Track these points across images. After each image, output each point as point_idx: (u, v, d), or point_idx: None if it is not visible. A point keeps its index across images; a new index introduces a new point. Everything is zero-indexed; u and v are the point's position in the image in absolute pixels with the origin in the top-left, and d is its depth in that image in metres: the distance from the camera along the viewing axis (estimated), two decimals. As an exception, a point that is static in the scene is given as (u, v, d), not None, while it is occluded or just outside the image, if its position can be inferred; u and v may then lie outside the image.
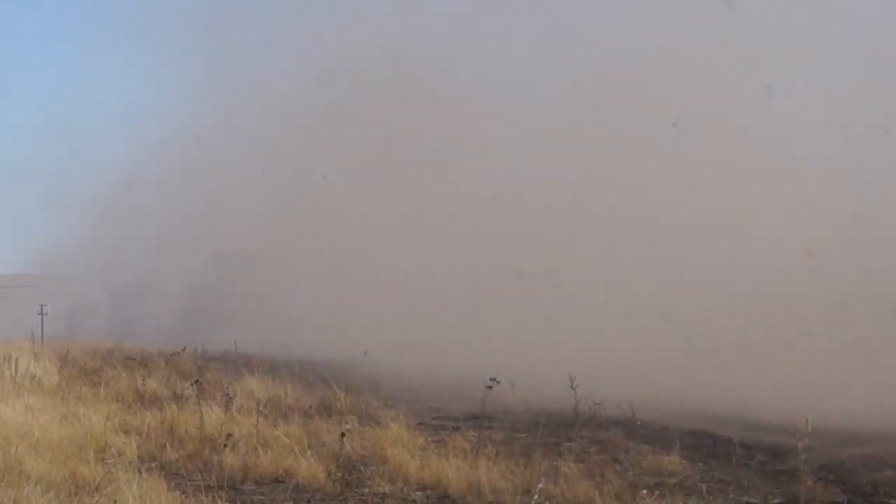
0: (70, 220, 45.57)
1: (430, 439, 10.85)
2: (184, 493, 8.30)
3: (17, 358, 17.27)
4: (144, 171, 38.17)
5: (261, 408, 12.39)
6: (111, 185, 39.49)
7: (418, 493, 8.69)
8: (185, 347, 17.22)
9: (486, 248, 25.22)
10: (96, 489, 8.18)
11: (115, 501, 7.79)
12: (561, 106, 25.39)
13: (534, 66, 27.42)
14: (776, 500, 8.05)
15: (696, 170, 24.96)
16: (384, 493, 8.62)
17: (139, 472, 8.94)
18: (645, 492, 7.91)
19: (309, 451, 9.76)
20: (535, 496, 8.20)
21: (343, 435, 9.52)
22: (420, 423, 12.04)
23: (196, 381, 12.80)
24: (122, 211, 39.05)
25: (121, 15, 59.96)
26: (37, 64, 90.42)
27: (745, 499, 8.14)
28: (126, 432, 11.32)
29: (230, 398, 12.36)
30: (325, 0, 34.56)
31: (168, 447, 10.55)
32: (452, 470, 8.90)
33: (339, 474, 8.98)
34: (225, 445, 9.86)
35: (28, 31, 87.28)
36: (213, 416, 11.32)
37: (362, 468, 9.45)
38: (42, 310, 28.79)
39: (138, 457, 10.11)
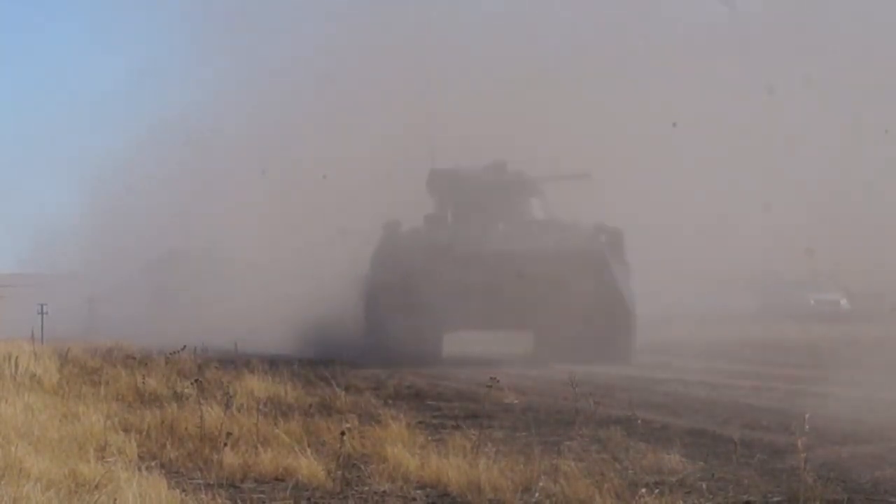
0: (70, 220, 45.51)
1: (430, 438, 10.85)
2: (184, 491, 8.30)
3: (17, 357, 17.27)
4: (143, 169, 38.07)
5: (261, 406, 12.39)
6: (109, 183, 39.44)
7: (418, 491, 8.69)
8: (184, 346, 17.19)
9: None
10: (96, 487, 8.18)
11: (115, 499, 7.78)
12: (559, 105, 25.41)
13: (532, 66, 27.43)
14: (776, 499, 8.05)
15: (696, 171, 25.00)
16: (384, 492, 8.63)
17: (139, 470, 8.94)
18: (644, 490, 7.90)
19: (309, 450, 9.76)
20: (535, 494, 8.21)
21: (343, 433, 9.52)
22: (420, 422, 12.04)
23: (196, 380, 12.79)
24: (122, 211, 38.96)
25: (118, 11, 59.94)
26: (30, 61, 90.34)
27: (745, 497, 8.13)
28: (126, 431, 11.32)
29: (230, 397, 12.36)
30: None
31: (168, 446, 10.55)
32: (452, 468, 8.90)
33: (339, 472, 8.99)
34: (225, 444, 9.86)
35: (21, 24, 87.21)
36: (213, 414, 11.32)
37: (362, 466, 9.46)
38: (42, 308, 28.70)
39: (138, 455, 10.12)
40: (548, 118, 25.34)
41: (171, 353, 17.76)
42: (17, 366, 16.52)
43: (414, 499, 8.46)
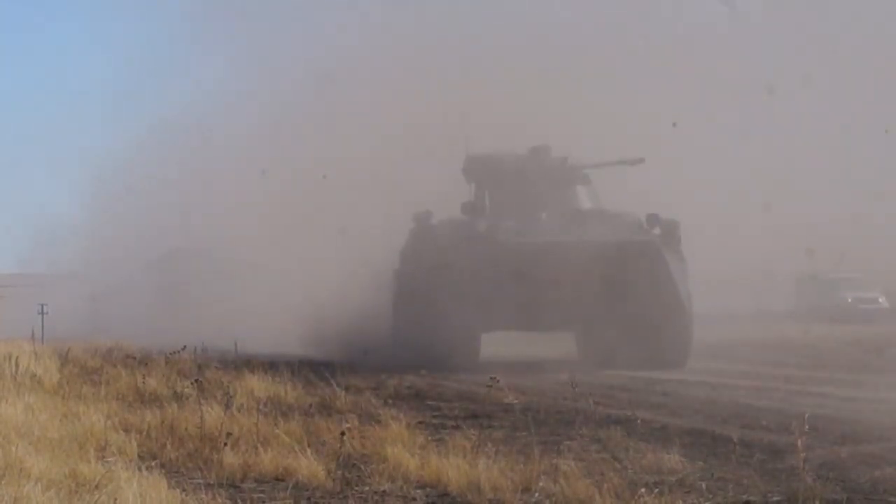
0: (70, 220, 45.53)
1: (430, 438, 10.86)
2: (184, 491, 8.31)
3: (17, 357, 17.29)
4: (143, 170, 38.04)
5: (261, 406, 12.40)
6: (109, 183, 39.44)
7: (418, 490, 8.70)
8: (185, 346, 17.19)
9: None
10: (96, 487, 8.19)
11: (116, 499, 7.79)
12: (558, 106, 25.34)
13: (531, 66, 27.29)
14: (776, 498, 8.05)
15: (695, 171, 25.01)
16: (384, 491, 8.63)
17: (139, 470, 8.95)
18: (644, 490, 7.91)
19: (309, 450, 9.77)
20: (535, 494, 8.22)
21: (343, 433, 9.53)
22: (420, 422, 12.05)
23: (196, 380, 12.80)
24: (122, 210, 38.95)
25: (119, 11, 59.97)
26: (30, 62, 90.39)
27: (744, 497, 8.14)
28: (126, 431, 11.34)
29: (230, 397, 12.38)
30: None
31: (168, 445, 10.56)
32: (452, 468, 8.91)
33: (339, 472, 9.00)
34: (225, 444, 9.88)
35: (21, 24, 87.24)
36: (213, 414, 11.33)
37: (362, 466, 9.47)
38: (42, 308, 28.72)
39: (138, 455, 10.13)
40: (583, 101, 24.04)
41: (171, 353, 17.77)
42: (17, 366, 16.54)
43: (414, 499, 8.47)
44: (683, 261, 19.11)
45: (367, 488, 8.74)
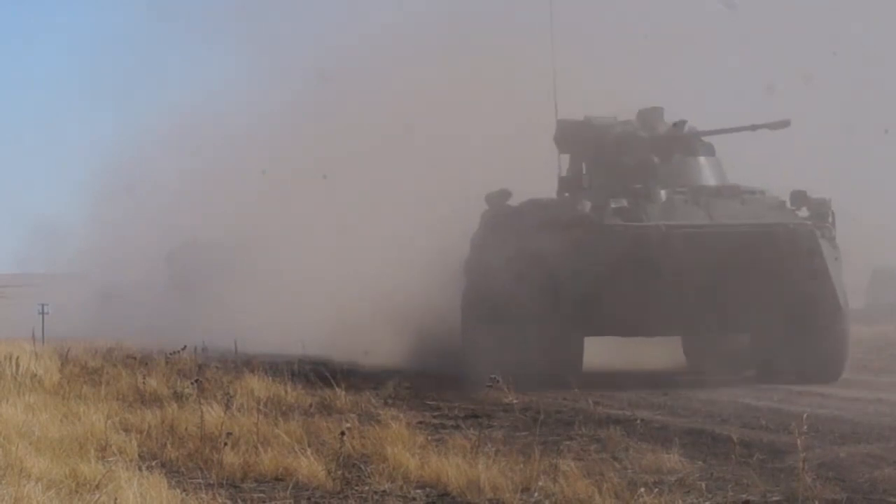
0: (70, 220, 45.51)
1: (429, 438, 10.87)
2: (184, 490, 8.33)
3: (17, 357, 17.30)
4: (143, 170, 37.97)
5: (261, 406, 12.41)
6: (110, 183, 39.40)
7: (418, 490, 8.72)
8: (185, 346, 17.19)
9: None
10: (97, 487, 8.20)
11: (116, 499, 7.81)
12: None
13: (531, 69, 27.11)
14: (775, 498, 8.07)
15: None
16: (384, 491, 8.65)
17: (139, 470, 8.97)
18: (644, 489, 7.93)
19: (309, 450, 9.78)
20: (535, 494, 8.23)
21: (343, 433, 9.55)
22: (420, 422, 12.07)
23: (196, 380, 12.82)
24: (122, 212, 38.92)
25: (120, 8, 59.93)
26: (30, 61, 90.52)
27: (744, 496, 8.16)
28: (126, 431, 11.36)
29: (230, 397, 12.39)
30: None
31: (168, 445, 10.58)
32: (452, 468, 8.93)
33: (339, 472, 9.01)
34: (225, 444, 9.90)
35: (21, 22, 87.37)
36: (213, 414, 11.35)
37: (362, 466, 9.48)
38: (43, 308, 28.70)
39: (139, 455, 10.15)
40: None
41: (171, 354, 17.77)
42: (17, 366, 16.54)
43: (414, 499, 8.48)
44: (838, 249, 15.74)
45: (367, 488, 8.75)
